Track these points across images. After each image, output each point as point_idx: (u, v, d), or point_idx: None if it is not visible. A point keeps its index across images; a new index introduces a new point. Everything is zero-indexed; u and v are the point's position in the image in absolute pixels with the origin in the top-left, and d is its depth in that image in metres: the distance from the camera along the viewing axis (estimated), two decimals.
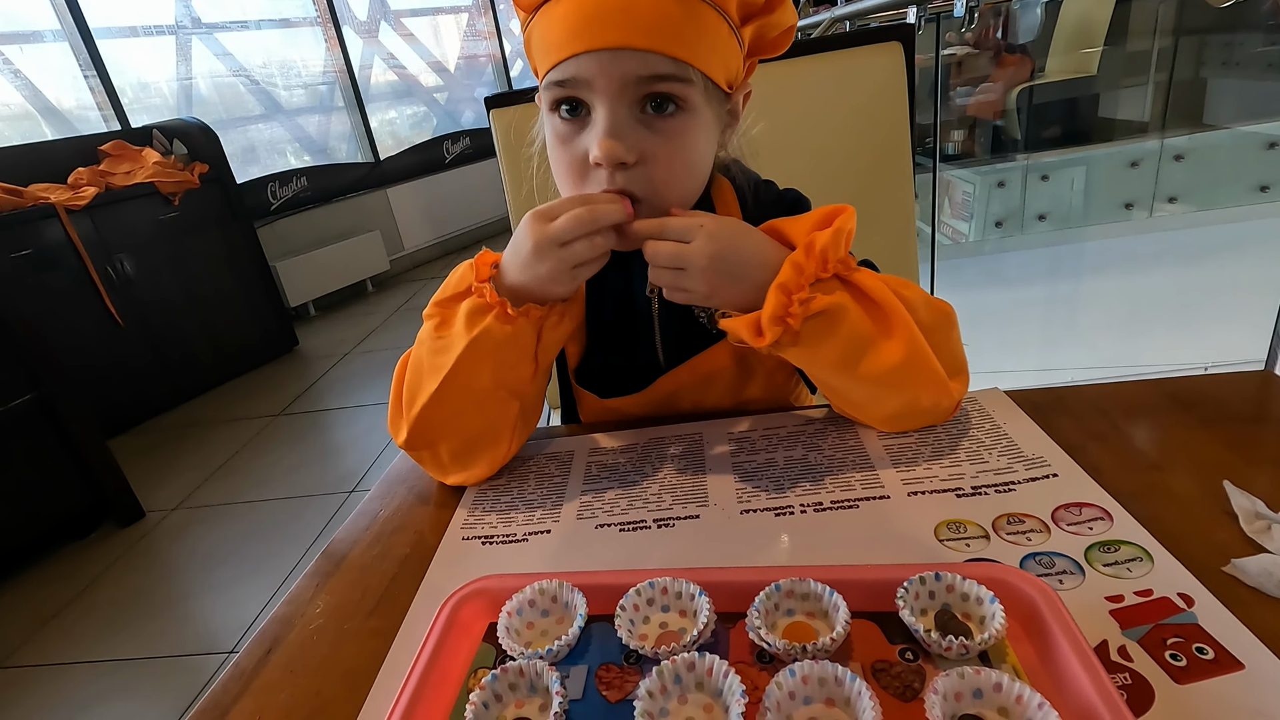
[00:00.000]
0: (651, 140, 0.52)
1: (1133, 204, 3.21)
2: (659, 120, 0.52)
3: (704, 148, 0.56)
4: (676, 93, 0.51)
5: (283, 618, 0.50)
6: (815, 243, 0.51)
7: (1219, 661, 0.35)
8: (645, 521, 0.55)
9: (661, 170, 0.53)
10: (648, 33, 0.49)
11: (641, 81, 0.50)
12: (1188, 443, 0.53)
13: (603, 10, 0.48)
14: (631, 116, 0.51)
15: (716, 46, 0.52)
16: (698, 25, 0.50)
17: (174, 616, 1.70)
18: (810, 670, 0.34)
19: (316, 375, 3.06)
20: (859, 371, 0.54)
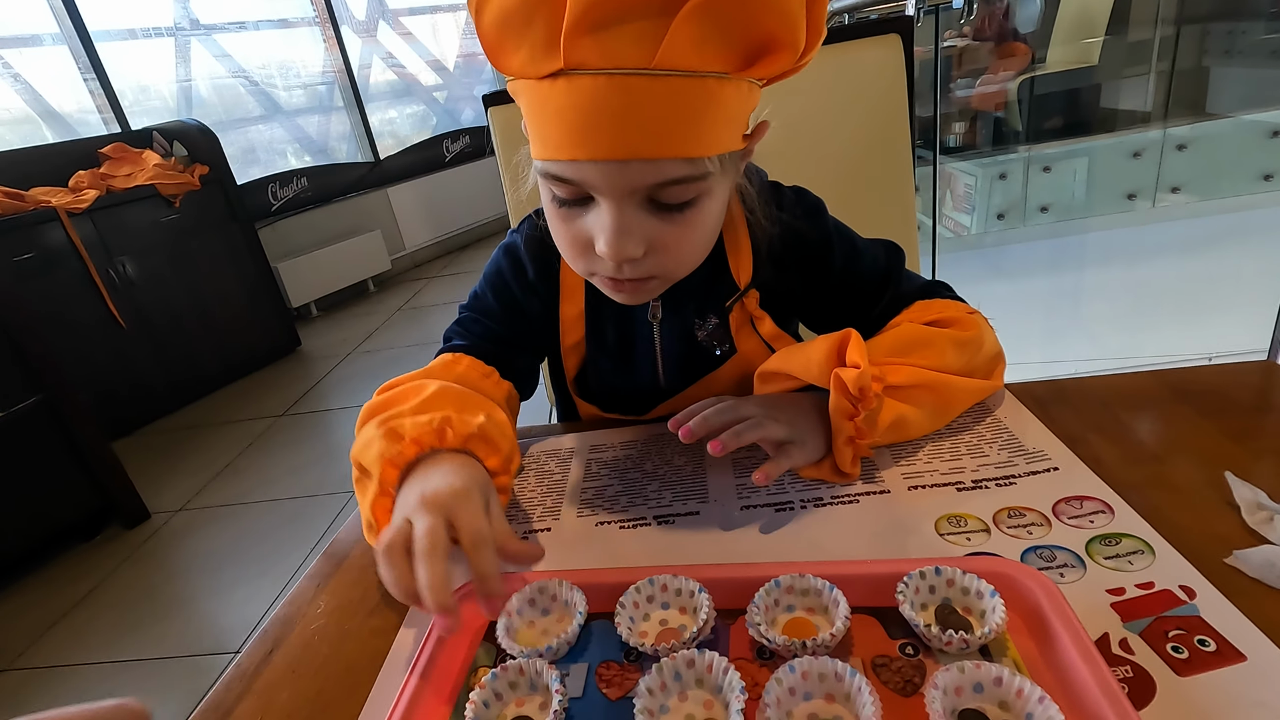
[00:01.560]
0: (663, 230, 0.47)
1: (1135, 194, 3.20)
2: (671, 214, 0.47)
3: (719, 215, 0.52)
4: (690, 192, 0.46)
5: (284, 618, 0.50)
6: (847, 383, 0.51)
7: (1221, 653, 0.35)
8: (645, 518, 0.55)
9: (673, 256, 0.49)
10: (658, 139, 0.42)
11: (653, 186, 0.45)
12: (1189, 434, 0.52)
13: (605, 114, 0.40)
14: (640, 211, 0.46)
15: (734, 115, 0.45)
16: (713, 106, 0.42)
17: (180, 617, 1.71)
18: (810, 666, 0.34)
19: (319, 375, 3.07)
20: (933, 426, 0.58)
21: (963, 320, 0.59)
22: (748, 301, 0.61)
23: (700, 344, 0.63)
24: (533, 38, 0.40)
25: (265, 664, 0.46)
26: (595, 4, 0.37)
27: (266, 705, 0.42)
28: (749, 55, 0.41)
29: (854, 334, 0.53)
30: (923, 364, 0.55)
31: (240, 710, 0.42)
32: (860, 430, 0.52)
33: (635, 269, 0.48)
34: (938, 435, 0.58)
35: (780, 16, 0.40)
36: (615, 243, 0.45)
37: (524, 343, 0.67)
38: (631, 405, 0.69)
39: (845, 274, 0.62)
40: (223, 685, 0.44)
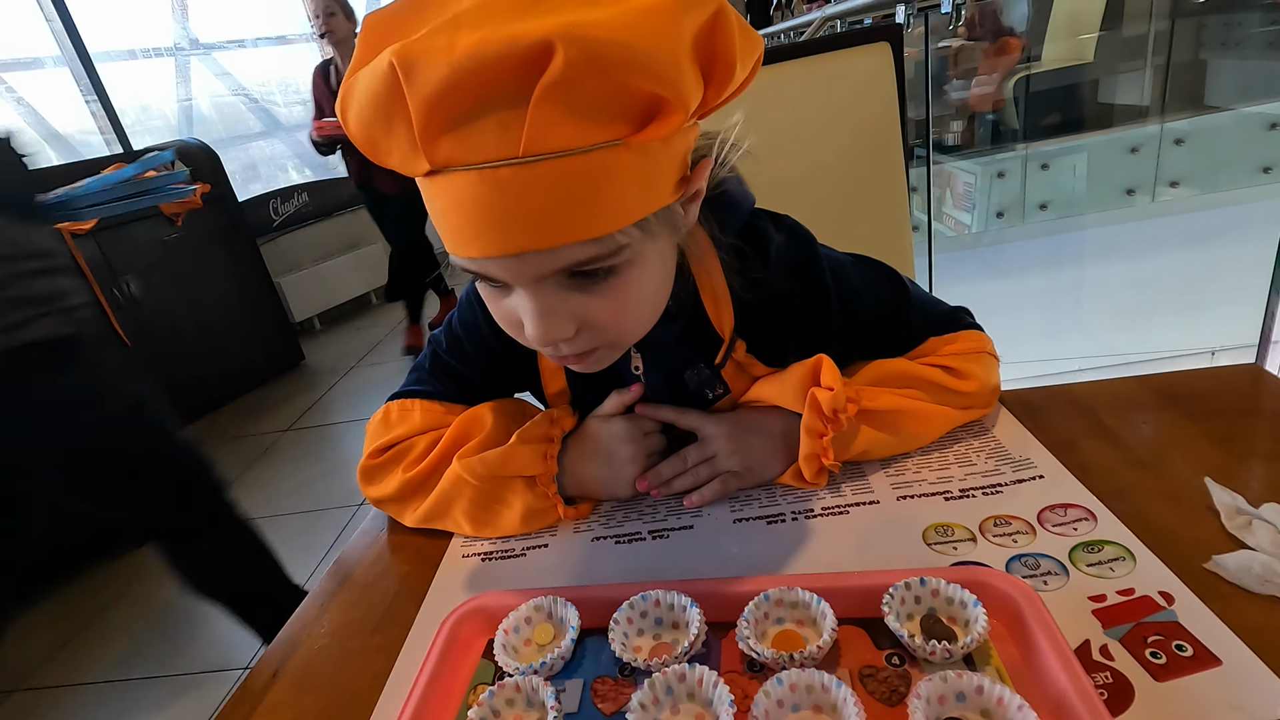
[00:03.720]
0: (590, 304, 0.43)
1: (1134, 189, 3.19)
2: (595, 286, 0.42)
3: (659, 275, 0.47)
4: (607, 265, 0.41)
5: (289, 639, 0.51)
6: (821, 403, 0.53)
7: (1198, 658, 0.35)
8: (640, 533, 0.56)
9: (610, 326, 0.45)
10: (545, 229, 0.37)
11: (560, 270, 0.40)
12: (1174, 439, 0.53)
13: (482, 211, 0.36)
14: (561, 289, 0.42)
15: (645, 176, 0.39)
16: (610, 177, 0.37)
17: (190, 634, 1.72)
18: (798, 678, 0.35)
19: (323, 389, 3.09)
20: (907, 449, 0.60)
21: (965, 365, 0.58)
22: (736, 352, 0.58)
23: (688, 391, 0.61)
24: (397, 140, 0.37)
25: (271, 685, 0.47)
26: (440, 104, 0.34)
27: None
28: (635, 120, 0.36)
29: (825, 359, 0.55)
30: (904, 393, 0.57)
31: None
32: (825, 450, 0.54)
33: (573, 346, 0.45)
34: (928, 445, 0.59)
35: (651, 75, 0.34)
36: (539, 328, 0.42)
37: (505, 392, 0.65)
38: None
39: (845, 324, 0.58)
40: (228, 707, 0.45)
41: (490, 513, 0.58)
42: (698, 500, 0.57)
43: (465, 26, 0.33)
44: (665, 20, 0.33)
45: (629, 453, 0.58)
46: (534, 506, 0.57)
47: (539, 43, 0.32)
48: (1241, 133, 3.12)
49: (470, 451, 0.57)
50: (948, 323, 0.61)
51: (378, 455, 0.61)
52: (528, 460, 0.56)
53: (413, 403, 0.62)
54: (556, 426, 0.59)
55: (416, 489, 0.59)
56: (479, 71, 0.33)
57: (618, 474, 0.58)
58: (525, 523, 0.58)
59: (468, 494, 0.57)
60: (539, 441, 0.57)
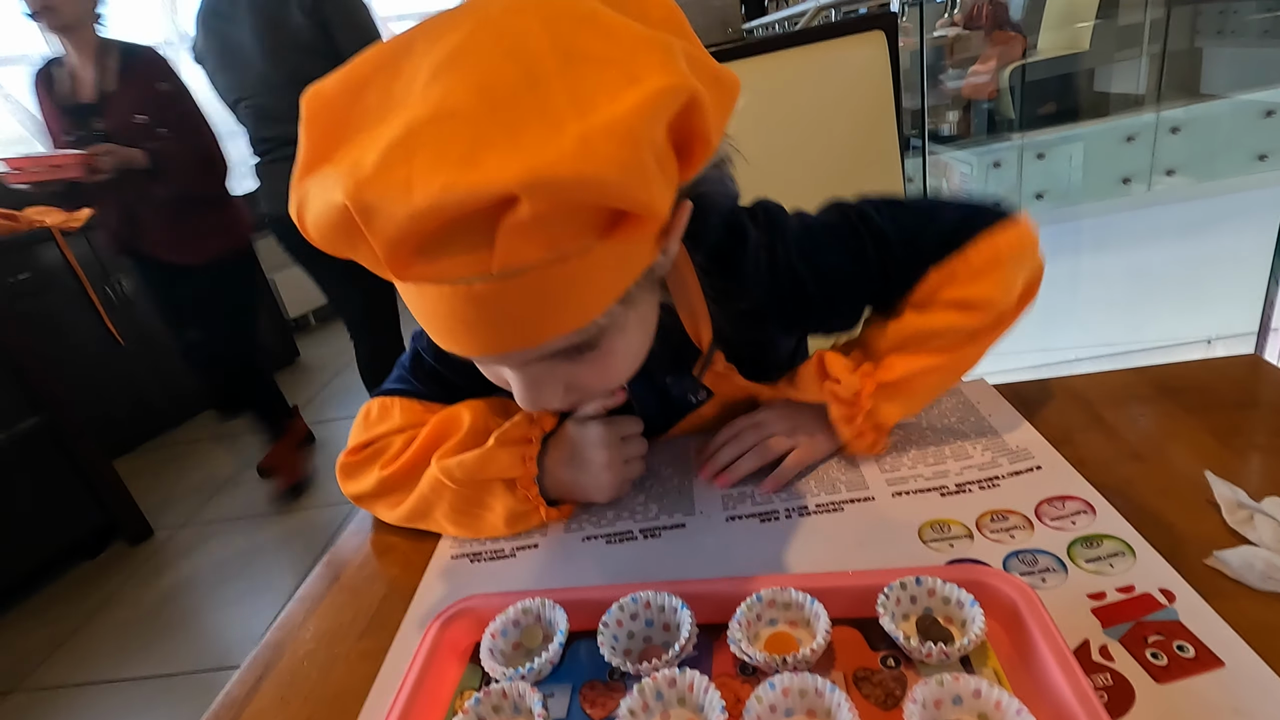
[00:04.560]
0: (577, 371, 0.43)
1: (1130, 179, 3.18)
2: (580, 357, 0.42)
3: (644, 329, 0.46)
4: (590, 344, 0.41)
5: (274, 643, 0.50)
6: (838, 395, 0.55)
7: (1199, 659, 0.35)
8: (632, 532, 0.55)
9: (599, 385, 0.46)
10: (524, 333, 0.36)
11: (544, 357, 0.40)
12: (1173, 431, 0.52)
13: (460, 321, 0.36)
14: (547, 364, 0.42)
15: (617, 269, 0.37)
16: (582, 278, 0.35)
17: (186, 633, 1.72)
18: (790, 683, 0.35)
19: (319, 387, 3.08)
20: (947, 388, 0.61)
21: (973, 292, 0.53)
22: (716, 362, 0.58)
23: (671, 395, 0.62)
24: (364, 255, 0.35)
25: (255, 691, 0.46)
26: (402, 244, 0.32)
27: None
28: (603, 229, 0.35)
29: (826, 353, 0.57)
30: (924, 351, 0.55)
31: None
32: (864, 430, 0.56)
33: (564, 401, 0.45)
34: (922, 438, 0.58)
35: (620, 199, 0.32)
36: (529, 399, 0.43)
37: (488, 391, 0.64)
38: None
39: (830, 301, 0.56)
40: (212, 715, 0.44)
41: (472, 516, 0.57)
42: (775, 484, 0.56)
43: (421, 158, 0.30)
44: (633, 139, 0.31)
45: (604, 458, 0.56)
46: (516, 509, 0.56)
47: (502, 193, 0.30)
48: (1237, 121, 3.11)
49: (448, 452, 0.56)
50: (946, 243, 0.53)
51: (356, 452, 0.61)
52: (506, 463, 0.55)
53: (393, 401, 0.61)
54: (536, 427, 0.57)
55: (393, 487, 0.58)
56: (440, 216, 0.31)
57: (593, 479, 0.56)
58: (509, 525, 0.57)
59: (447, 497, 0.56)
60: (518, 444, 0.56)
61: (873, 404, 0.55)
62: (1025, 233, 0.53)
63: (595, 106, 0.31)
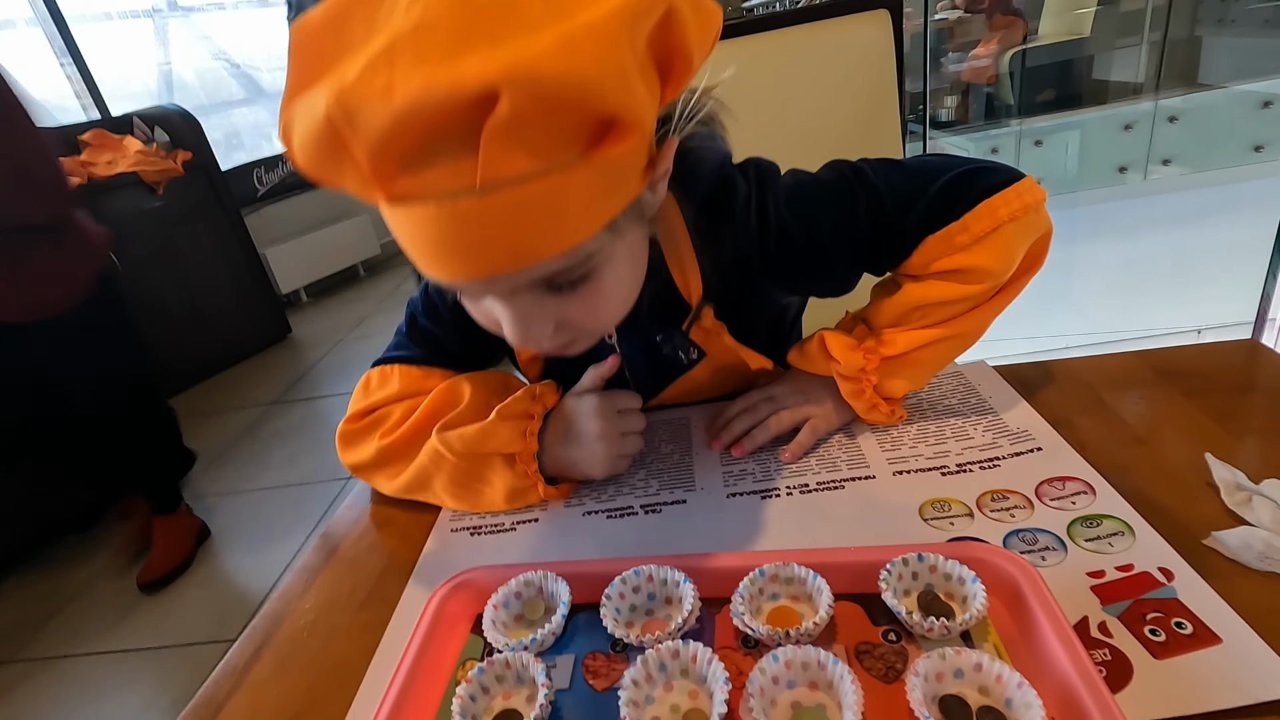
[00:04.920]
0: (566, 306, 0.43)
1: (1127, 167, 3.18)
2: (571, 291, 0.42)
3: (632, 265, 0.47)
4: (579, 271, 0.41)
5: (273, 614, 0.50)
6: (844, 371, 0.56)
7: (1197, 636, 0.35)
8: (633, 508, 0.55)
9: (588, 324, 0.46)
10: (512, 253, 0.36)
11: (533, 283, 0.41)
12: (1173, 414, 0.53)
13: (446, 242, 0.36)
14: (536, 296, 0.42)
15: (606, 186, 0.37)
16: (569, 195, 0.35)
17: (177, 606, 1.72)
18: (793, 655, 0.35)
19: (311, 363, 3.06)
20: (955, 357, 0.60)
21: (972, 260, 0.51)
22: (704, 318, 0.58)
23: (663, 355, 0.62)
24: (349, 176, 0.36)
25: (255, 660, 0.46)
26: (386, 150, 0.32)
27: (257, 701, 0.43)
28: (589, 137, 0.34)
29: (826, 332, 0.57)
30: (926, 325, 0.55)
31: (231, 707, 0.43)
32: (877, 402, 0.57)
33: (553, 341, 0.45)
34: (923, 418, 0.58)
35: (602, 101, 0.32)
36: (519, 334, 0.43)
37: (480, 354, 0.64)
38: None
39: (819, 258, 0.55)
40: (212, 683, 0.45)
41: (471, 490, 0.57)
42: (797, 451, 0.57)
43: (402, 63, 0.30)
44: (611, 40, 0.31)
45: (598, 429, 0.55)
46: (515, 485, 0.56)
47: (482, 89, 0.30)
48: (1234, 111, 3.11)
49: (449, 425, 0.55)
50: (944, 208, 0.51)
51: (355, 420, 0.61)
52: (507, 437, 0.55)
53: (392, 368, 0.61)
54: (538, 403, 0.57)
55: (392, 457, 0.58)
56: (422, 118, 0.31)
57: (588, 452, 0.56)
58: (509, 500, 0.56)
59: (446, 469, 0.56)
60: (519, 418, 0.56)
61: (877, 379, 0.56)
62: (1029, 196, 0.51)
63: (574, 13, 0.31)
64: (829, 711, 0.34)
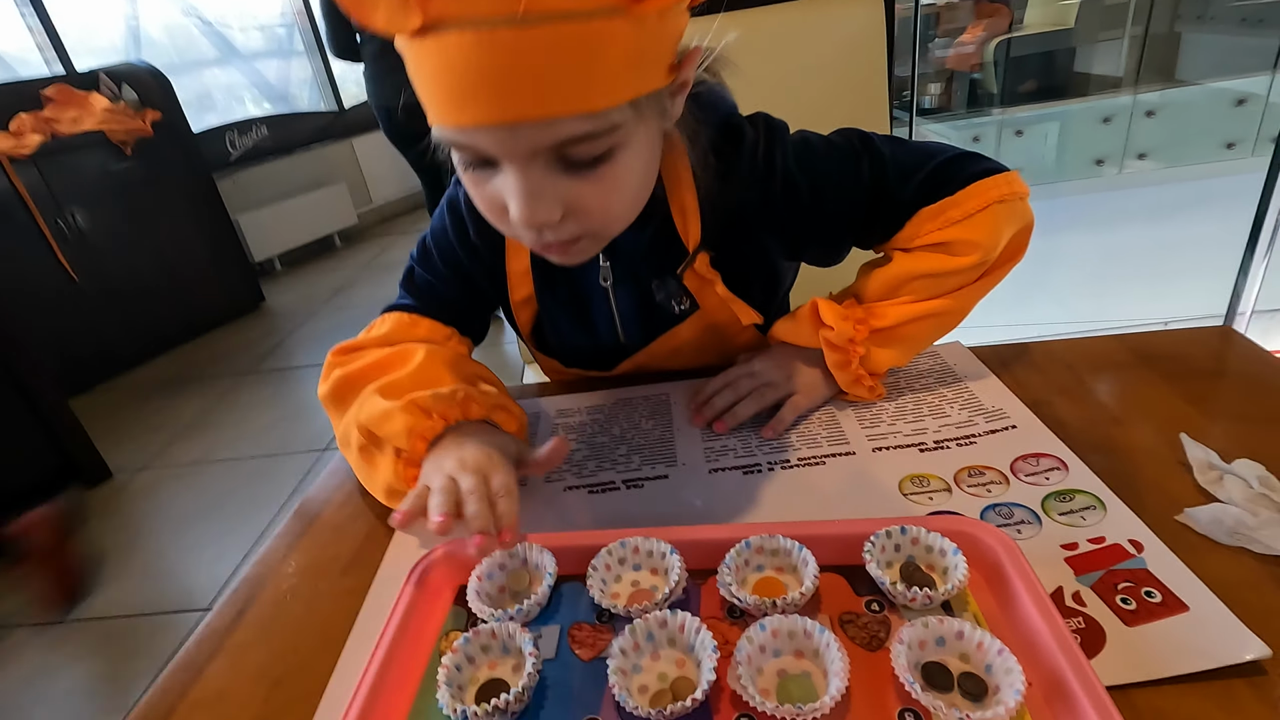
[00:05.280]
0: (578, 189, 0.42)
1: (1104, 160, 3.23)
2: (585, 171, 0.42)
3: (646, 164, 0.47)
4: (600, 147, 0.41)
5: (255, 578, 0.49)
6: (833, 341, 0.56)
7: (1166, 604, 0.36)
8: (614, 482, 0.55)
9: (597, 216, 0.45)
10: (543, 97, 0.36)
11: (554, 146, 0.40)
12: (1148, 396, 0.54)
13: (477, 75, 0.35)
14: (550, 171, 0.41)
15: (641, 53, 0.39)
16: (607, 49, 0.36)
17: (147, 575, 1.69)
18: (780, 624, 0.35)
19: (286, 332, 3.00)
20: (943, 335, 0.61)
21: (962, 234, 0.54)
22: (699, 265, 0.58)
23: (657, 301, 0.62)
24: None
25: (237, 623, 0.45)
26: None
27: (238, 663, 0.42)
28: None
29: (820, 301, 0.58)
30: (914, 299, 0.57)
31: (212, 669, 0.42)
32: (861, 375, 0.58)
33: (557, 233, 0.44)
34: (899, 396, 0.59)
35: None
36: (525, 209, 0.41)
37: (474, 302, 0.65)
38: (594, 361, 0.69)
39: (820, 214, 0.57)
40: (194, 644, 0.44)
41: (365, 468, 0.54)
42: (778, 428, 0.57)
43: None
44: None
45: (469, 484, 0.45)
46: (393, 485, 0.51)
47: None
48: (1209, 108, 3.17)
49: (379, 387, 0.53)
50: (940, 184, 0.54)
51: (340, 353, 0.60)
52: (398, 429, 0.50)
53: (391, 314, 0.62)
54: (455, 409, 0.51)
55: (338, 398, 0.57)
56: None
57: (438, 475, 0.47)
58: (386, 496, 0.52)
59: (355, 437, 0.53)
60: (421, 414, 0.50)
61: (865, 350, 0.56)
62: (1017, 185, 0.55)
63: None
64: (814, 679, 0.34)
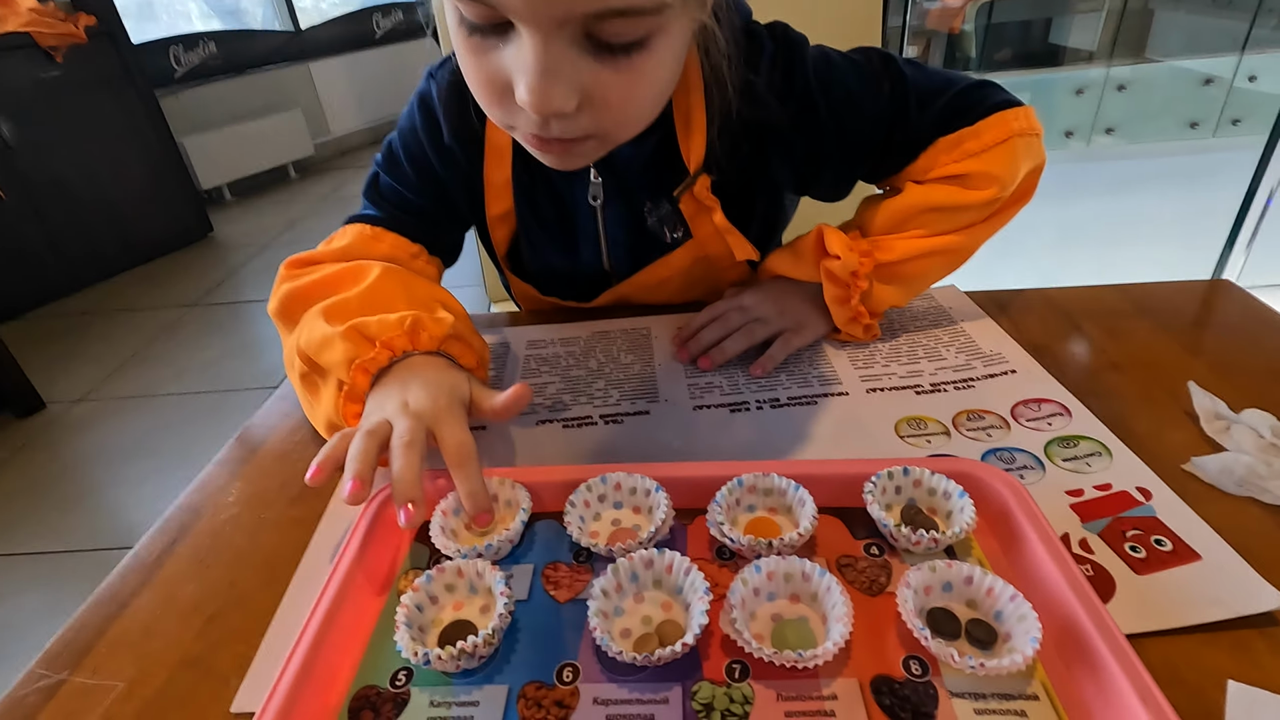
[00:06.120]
0: (602, 77, 0.37)
1: (1073, 133, 3.25)
2: (613, 57, 0.36)
3: (675, 62, 0.41)
4: (639, 29, 0.36)
5: (190, 506, 0.45)
6: (835, 272, 0.53)
7: (1177, 553, 0.35)
8: (591, 417, 0.51)
9: (614, 113, 0.39)
10: None
11: (590, 18, 0.34)
12: (1147, 345, 0.52)
13: None
14: (574, 49, 0.35)
15: None
16: None
17: (83, 509, 1.62)
18: (776, 566, 0.33)
19: (236, 265, 2.86)
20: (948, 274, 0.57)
21: (979, 167, 0.51)
22: (698, 188, 0.53)
23: (649, 229, 0.57)
24: None
25: (168, 554, 0.41)
26: None
27: (169, 597, 0.38)
28: None
29: (826, 228, 0.54)
30: (923, 234, 0.54)
31: (138, 603, 0.38)
32: (860, 312, 0.54)
33: (566, 126, 0.38)
34: (893, 338, 0.56)
35: None
36: (540, 90, 0.35)
37: (447, 214, 0.59)
38: (573, 289, 0.64)
39: (839, 135, 0.53)
40: (117, 576, 0.40)
41: (306, 396, 0.48)
42: (768, 365, 0.53)
43: None
44: None
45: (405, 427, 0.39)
46: (335, 422, 0.45)
47: None
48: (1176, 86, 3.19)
49: (326, 308, 0.47)
50: (960, 111, 0.52)
51: (295, 265, 0.53)
52: (338, 358, 0.44)
53: (352, 225, 0.56)
54: (404, 337, 0.45)
55: (286, 314, 0.50)
56: None
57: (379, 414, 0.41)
58: (326, 429, 0.47)
59: (297, 363, 0.47)
60: (364, 343, 0.44)
61: (868, 285, 0.53)
62: (1034, 121, 0.52)
63: None
64: (811, 624, 0.32)
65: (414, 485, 0.37)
